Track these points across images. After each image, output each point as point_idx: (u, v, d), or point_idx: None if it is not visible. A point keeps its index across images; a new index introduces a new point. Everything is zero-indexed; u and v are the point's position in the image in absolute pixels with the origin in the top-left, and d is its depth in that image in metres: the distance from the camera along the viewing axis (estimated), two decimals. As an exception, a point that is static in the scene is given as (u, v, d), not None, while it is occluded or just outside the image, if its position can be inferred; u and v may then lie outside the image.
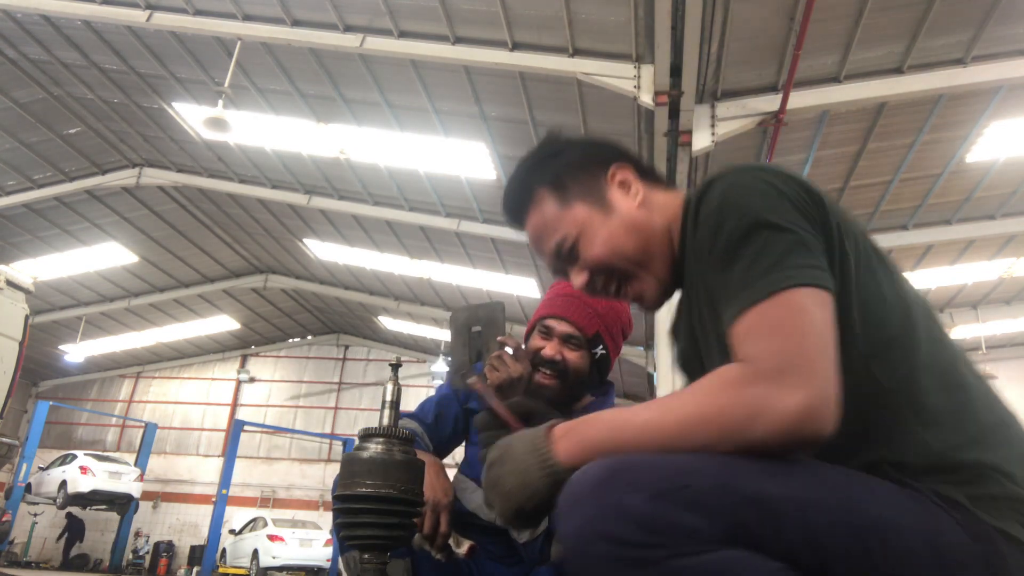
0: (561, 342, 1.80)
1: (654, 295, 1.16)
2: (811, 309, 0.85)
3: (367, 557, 1.23)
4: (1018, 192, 9.03)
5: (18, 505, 14.86)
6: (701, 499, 0.77)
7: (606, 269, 1.14)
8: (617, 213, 1.13)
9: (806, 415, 0.79)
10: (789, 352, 0.82)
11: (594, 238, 1.13)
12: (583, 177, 1.17)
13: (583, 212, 1.14)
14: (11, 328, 8.36)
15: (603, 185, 1.16)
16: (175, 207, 13.71)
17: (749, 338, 0.85)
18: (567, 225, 1.15)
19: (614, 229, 1.12)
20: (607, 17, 6.81)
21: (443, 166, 10.07)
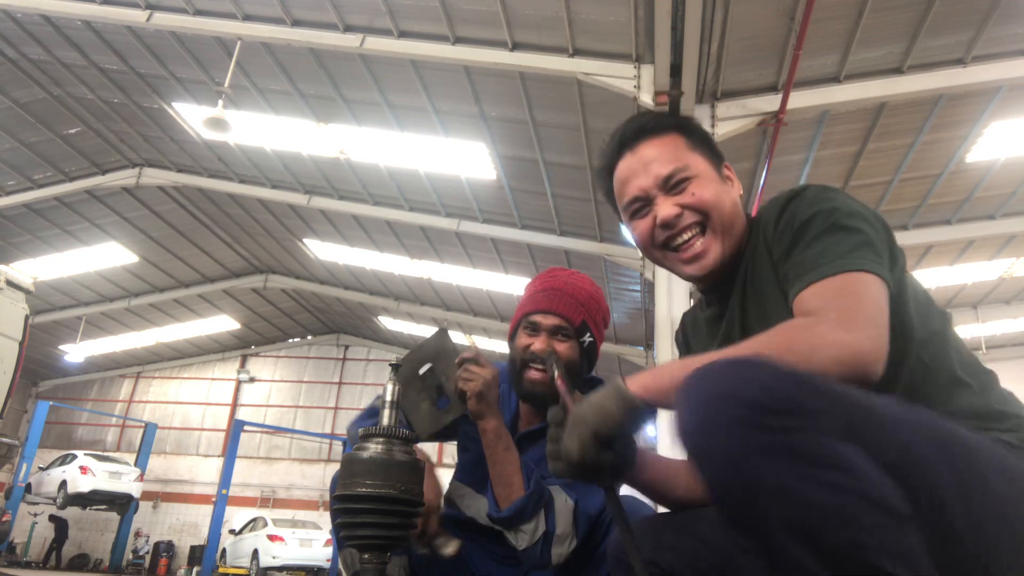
0: (549, 335, 1.81)
1: (715, 257, 1.26)
2: (871, 287, 1.02)
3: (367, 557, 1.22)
4: (1018, 192, 9.03)
5: (18, 505, 14.86)
6: (825, 392, 0.84)
7: (702, 212, 1.25)
8: (730, 186, 1.32)
9: (860, 353, 0.94)
10: (851, 308, 0.99)
11: (710, 185, 1.27)
12: (708, 152, 1.32)
13: (707, 165, 1.29)
14: (11, 328, 8.36)
15: (719, 164, 1.33)
16: (175, 207, 13.71)
17: (814, 299, 1.03)
18: (692, 162, 1.28)
19: (725, 192, 1.28)
20: (607, 17, 6.81)
21: (443, 166, 10.07)
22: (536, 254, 11.89)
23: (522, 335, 1.84)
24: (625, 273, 11.57)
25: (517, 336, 1.86)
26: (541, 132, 8.74)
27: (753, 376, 0.83)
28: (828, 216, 1.10)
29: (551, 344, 1.79)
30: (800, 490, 0.77)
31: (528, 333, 1.83)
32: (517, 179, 9.93)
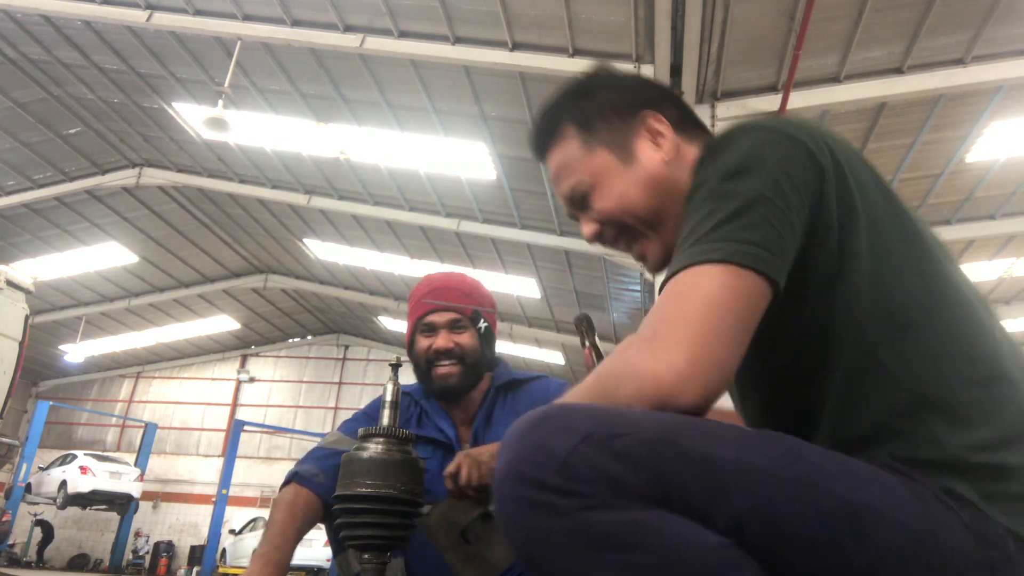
0: (448, 331, 1.87)
1: (657, 259, 1.08)
2: (705, 285, 0.78)
3: (367, 557, 1.23)
4: (1018, 192, 9.02)
5: (18, 505, 14.85)
6: (635, 450, 0.69)
7: (615, 224, 1.07)
8: (638, 166, 1.05)
9: (656, 385, 0.74)
10: (666, 320, 0.78)
11: (608, 190, 1.05)
12: (613, 120, 1.07)
13: (604, 160, 1.06)
14: (11, 328, 8.36)
15: (632, 132, 1.06)
16: (175, 207, 13.71)
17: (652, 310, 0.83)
18: (584, 171, 1.07)
19: (631, 183, 1.04)
20: (607, 17, 6.81)
21: (443, 166, 10.06)
22: (536, 254, 11.89)
23: (420, 339, 1.89)
24: (625, 273, 11.57)
25: (416, 342, 1.91)
26: (541, 132, 8.73)
27: (541, 443, 0.70)
28: (712, 178, 0.86)
29: (451, 339, 1.85)
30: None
31: (426, 335, 1.89)
32: (517, 179, 9.92)
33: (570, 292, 12.92)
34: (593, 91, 1.11)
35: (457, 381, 1.84)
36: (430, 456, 1.85)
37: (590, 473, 0.68)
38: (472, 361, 1.86)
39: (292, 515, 1.64)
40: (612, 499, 0.68)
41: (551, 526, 0.68)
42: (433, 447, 1.85)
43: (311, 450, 1.86)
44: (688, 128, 1.10)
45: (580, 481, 0.68)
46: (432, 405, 1.93)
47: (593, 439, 0.70)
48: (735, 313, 0.77)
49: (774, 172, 0.84)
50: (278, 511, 1.67)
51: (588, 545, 0.68)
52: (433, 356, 1.85)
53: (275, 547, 1.59)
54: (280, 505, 1.68)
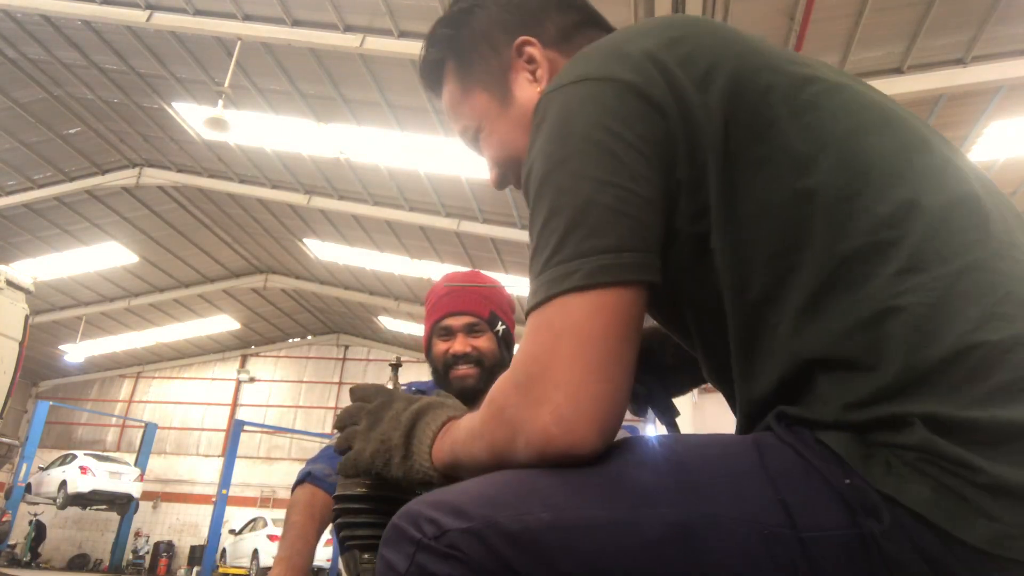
0: (465, 335, 1.85)
1: None
2: (577, 316, 0.66)
3: (367, 557, 1.23)
4: (1018, 192, 9.03)
5: (18, 505, 14.85)
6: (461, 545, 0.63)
7: (510, 170, 0.97)
8: (516, 106, 0.92)
9: (550, 433, 0.65)
10: (538, 363, 0.67)
11: (492, 135, 0.95)
12: (486, 52, 0.94)
13: (482, 102, 0.94)
14: (11, 328, 8.36)
15: (507, 65, 0.93)
16: (175, 207, 13.71)
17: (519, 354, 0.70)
18: (467, 114, 0.97)
19: (512, 126, 0.93)
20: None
21: (443, 166, 10.07)
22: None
23: (438, 343, 1.88)
24: (625, 273, 11.58)
25: (433, 345, 1.89)
26: (541, 132, 8.74)
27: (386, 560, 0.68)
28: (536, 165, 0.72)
29: (468, 343, 1.84)
30: None
31: (443, 339, 1.87)
32: (517, 179, 9.93)
33: (570, 292, 12.93)
34: (471, 12, 0.96)
35: (475, 383, 1.82)
36: None
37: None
38: (491, 364, 1.85)
39: (310, 516, 1.63)
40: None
41: None
42: None
43: (322, 449, 1.86)
44: (581, 38, 0.93)
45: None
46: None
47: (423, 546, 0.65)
48: (614, 338, 0.66)
49: (601, 142, 0.68)
50: (296, 512, 1.66)
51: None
52: (451, 360, 1.84)
53: (296, 551, 1.59)
54: (297, 506, 1.67)
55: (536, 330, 0.68)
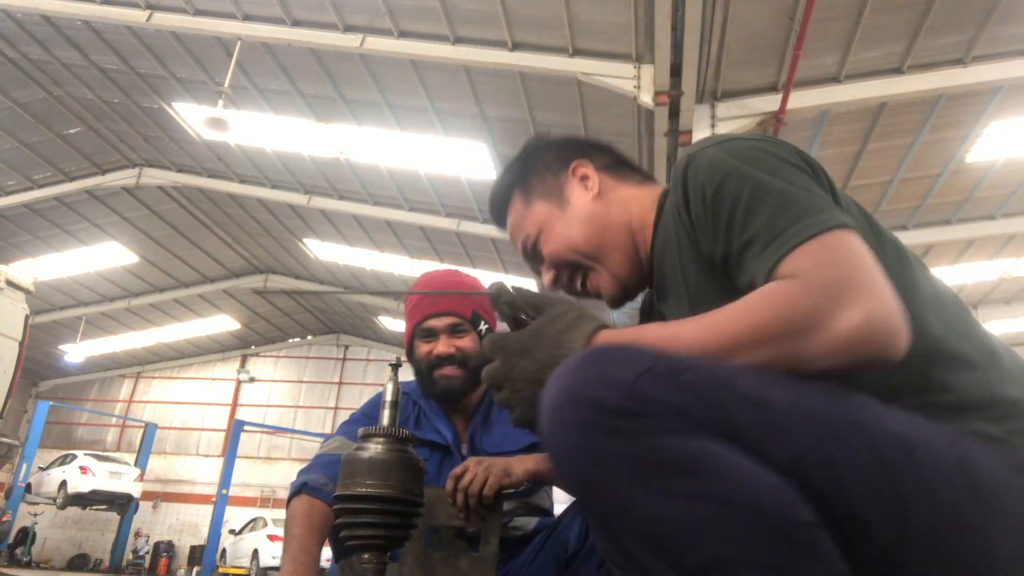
0: (448, 335, 1.84)
1: (610, 290, 1.14)
2: (857, 243, 0.79)
3: (367, 557, 1.23)
4: (1018, 192, 9.03)
5: (18, 505, 14.86)
6: (697, 387, 0.71)
7: (564, 264, 1.16)
8: (572, 208, 1.15)
9: (869, 328, 0.72)
10: (846, 267, 0.76)
11: (551, 234, 1.15)
12: (547, 176, 1.20)
13: (543, 210, 1.17)
14: (11, 328, 8.36)
15: (564, 182, 1.18)
16: (175, 207, 13.71)
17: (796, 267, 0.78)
18: (529, 224, 1.19)
19: (568, 224, 1.14)
20: (607, 17, 6.80)
21: (443, 166, 10.07)
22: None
23: (420, 345, 1.86)
24: (625, 273, 11.58)
25: (416, 347, 1.88)
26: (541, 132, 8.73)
27: (604, 373, 0.70)
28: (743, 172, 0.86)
29: (452, 343, 1.82)
30: (647, 504, 0.67)
31: (426, 340, 1.86)
32: (517, 179, 9.92)
33: (570, 292, 12.93)
34: (531, 156, 1.24)
35: (460, 384, 1.82)
36: (428, 458, 1.84)
37: (656, 400, 0.68)
38: (474, 364, 1.83)
39: (310, 528, 1.60)
40: (679, 426, 0.68)
41: (614, 450, 0.67)
42: (430, 449, 1.84)
43: (315, 457, 1.82)
44: (619, 169, 1.21)
45: (647, 405, 0.68)
46: (430, 406, 1.91)
47: (655, 371, 0.70)
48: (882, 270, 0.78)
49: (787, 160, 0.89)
50: (296, 525, 1.63)
51: (653, 471, 0.67)
52: (435, 361, 1.82)
53: (301, 564, 1.56)
54: (297, 519, 1.64)
55: (823, 249, 0.78)
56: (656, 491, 0.67)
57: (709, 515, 0.65)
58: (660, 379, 0.70)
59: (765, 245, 0.81)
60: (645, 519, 0.67)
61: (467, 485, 1.51)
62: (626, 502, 0.68)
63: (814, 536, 0.67)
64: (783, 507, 0.66)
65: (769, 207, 0.82)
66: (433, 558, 1.53)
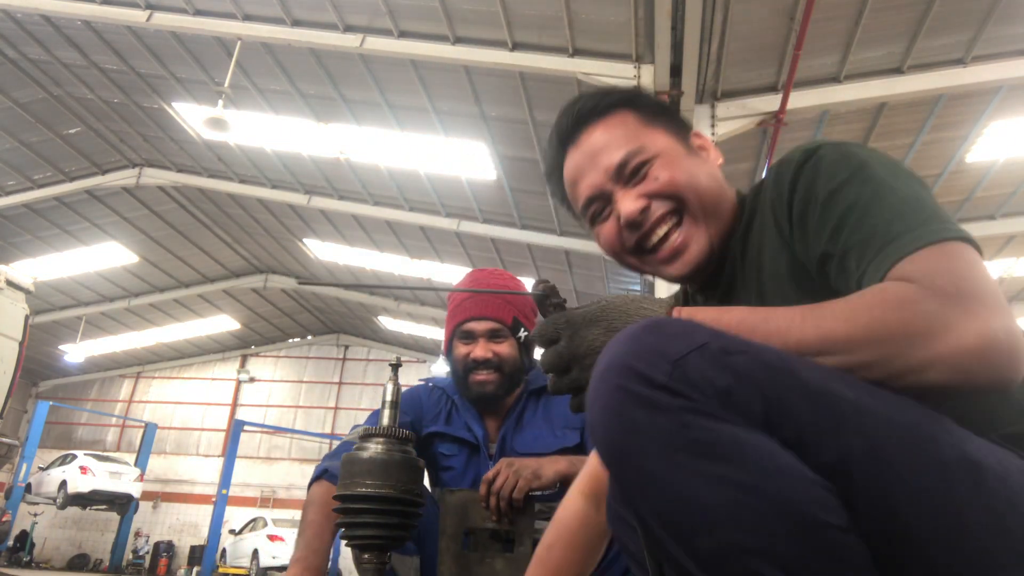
0: (487, 340, 1.84)
1: (700, 248, 1.02)
2: (980, 259, 0.75)
3: (367, 557, 1.23)
4: (1018, 192, 9.02)
5: (18, 505, 14.85)
6: (751, 369, 0.68)
7: (674, 196, 1.01)
8: (704, 160, 1.07)
9: (990, 343, 0.66)
10: (970, 278, 0.71)
11: (675, 163, 1.02)
12: (670, 118, 1.09)
13: (668, 141, 1.05)
14: (11, 328, 8.36)
15: (686, 136, 1.09)
16: (175, 207, 13.71)
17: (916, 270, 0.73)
18: (647, 142, 1.04)
19: (697, 166, 1.04)
20: (607, 17, 6.80)
21: (443, 166, 10.07)
22: (536, 254, 11.89)
23: (459, 345, 1.87)
24: (625, 273, 11.57)
25: (454, 347, 1.88)
26: (541, 132, 8.73)
27: (655, 345, 0.69)
28: (867, 174, 0.83)
29: (490, 348, 1.82)
30: (671, 480, 0.66)
31: (464, 342, 1.86)
32: (517, 179, 9.92)
33: (570, 292, 12.92)
34: (641, 98, 1.11)
35: (494, 389, 1.82)
36: (456, 454, 1.85)
37: (700, 379, 0.67)
38: (510, 370, 1.84)
39: (326, 516, 1.59)
40: (718, 409, 0.66)
41: (651, 421, 0.66)
42: (459, 445, 1.85)
43: (340, 444, 1.83)
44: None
45: (689, 383, 0.67)
46: (463, 403, 1.92)
47: (709, 350, 0.68)
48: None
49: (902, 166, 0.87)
50: (312, 511, 1.63)
51: (685, 448, 0.65)
52: (472, 365, 1.83)
53: (313, 551, 1.56)
54: (314, 505, 1.64)
55: (947, 256, 0.73)
56: (682, 468, 0.65)
57: (730, 500, 0.64)
58: (711, 358, 0.68)
59: (882, 246, 0.77)
60: (666, 494, 0.66)
61: (499, 489, 1.52)
62: (650, 475, 0.67)
63: (841, 540, 0.64)
64: (811, 505, 0.64)
65: (891, 209, 0.79)
66: (469, 558, 1.56)
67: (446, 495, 1.62)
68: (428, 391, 1.99)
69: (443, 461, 1.91)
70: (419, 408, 1.94)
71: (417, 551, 1.68)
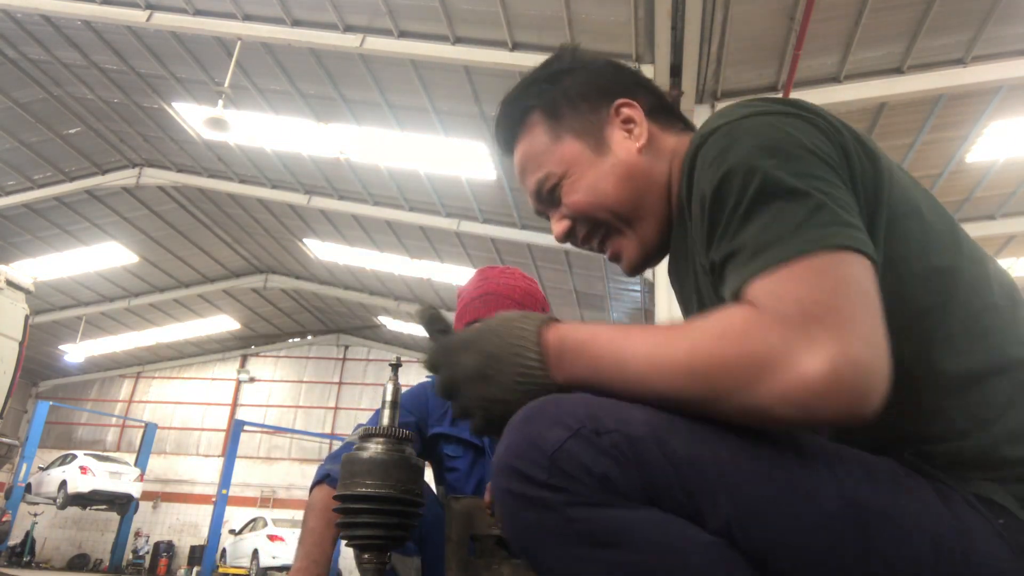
0: None
1: (633, 257, 1.00)
2: (853, 268, 0.66)
3: (367, 557, 1.23)
4: (1018, 192, 9.02)
5: (18, 505, 14.85)
6: (623, 447, 0.67)
7: (587, 219, 0.99)
8: (612, 156, 0.96)
9: (835, 376, 0.60)
10: (821, 300, 0.63)
11: (578, 182, 0.97)
12: (583, 107, 0.99)
13: (573, 149, 0.98)
14: (11, 328, 8.35)
15: (604, 120, 0.98)
16: (175, 207, 13.71)
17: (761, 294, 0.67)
18: (553, 162, 0.99)
19: (603, 174, 0.96)
20: (607, 17, 6.80)
21: (443, 166, 10.06)
22: (536, 254, 11.89)
23: None
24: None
25: None
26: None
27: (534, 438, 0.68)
28: (747, 175, 0.72)
29: None
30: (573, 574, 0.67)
31: None
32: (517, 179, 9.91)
33: (570, 292, 12.93)
34: (560, 76, 1.02)
35: None
36: (461, 456, 1.84)
37: (577, 469, 0.66)
38: None
39: (327, 522, 1.58)
40: (599, 496, 0.66)
41: (539, 520, 0.67)
42: (464, 447, 1.84)
43: (342, 446, 1.81)
44: (662, 116, 1.02)
45: (567, 477, 0.66)
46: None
47: (582, 435, 0.67)
48: (879, 298, 0.67)
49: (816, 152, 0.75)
50: (313, 517, 1.61)
51: (575, 541, 0.66)
52: None
53: (313, 560, 1.54)
54: (314, 511, 1.62)
55: (808, 273, 0.66)
56: (578, 560, 0.66)
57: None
58: (585, 443, 0.67)
59: (748, 258, 0.70)
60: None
61: None
62: (552, 570, 0.68)
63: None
64: (712, 570, 0.64)
65: (769, 212, 0.70)
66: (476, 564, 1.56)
67: (451, 502, 1.62)
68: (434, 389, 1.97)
69: (448, 462, 1.90)
70: (424, 407, 1.93)
71: (418, 551, 1.68)
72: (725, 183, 0.74)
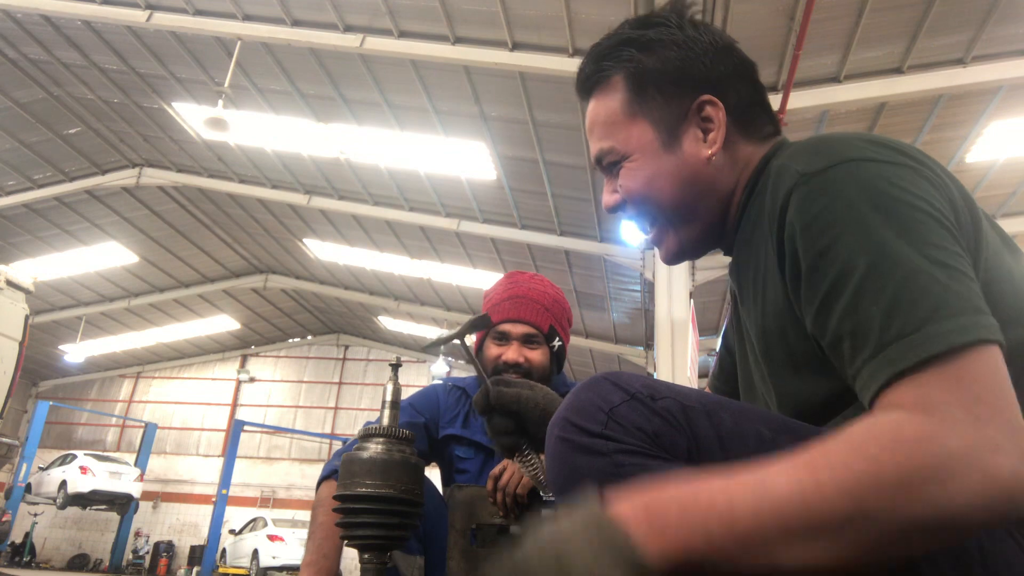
0: (521, 344, 1.83)
1: (672, 250, 1.00)
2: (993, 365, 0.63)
3: (367, 557, 1.23)
4: (1018, 192, 9.02)
5: (18, 505, 14.86)
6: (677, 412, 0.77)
7: (637, 206, 0.98)
8: (679, 156, 0.93)
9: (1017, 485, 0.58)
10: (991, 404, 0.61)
11: (639, 170, 0.95)
12: (668, 91, 0.94)
13: (644, 135, 0.94)
14: (11, 328, 8.35)
15: (683, 113, 0.94)
16: (175, 207, 13.71)
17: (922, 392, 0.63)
18: (620, 139, 0.96)
19: (664, 172, 0.93)
20: (607, 17, 6.81)
21: (443, 166, 10.06)
22: (536, 254, 11.89)
23: (491, 345, 1.85)
24: (625, 273, 11.57)
25: (486, 346, 1.86)
26: (541, 132, 8.73)
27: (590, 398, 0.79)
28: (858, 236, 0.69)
29: (522, 352, 1.81)
30: None
31: (498, 343, 1.84)
32: (517, 179, 9.92)
33: (570, 292, 12.93)
34: (655, 46, 0.95)
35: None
36: (471, 458, 1.84)
37: (631, 425, 0.75)
38: (539, 377, 1.82)
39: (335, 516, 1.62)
40: (647, 448, 0.75)
41: (589, 464, 0.75)
42: (475, 449, 1.84)
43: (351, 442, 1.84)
44: (748, 115, 0.96)
45: (621, 429, 0.75)
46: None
47: (638, 398, 0.77)
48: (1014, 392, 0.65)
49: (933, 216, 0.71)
50: (322, 512, 1.62)
51: (619, 484, 0.70)
52: (501, 367, 1.81)
53: (324, 554, 1.55)
54: (323, 506, 1.62)
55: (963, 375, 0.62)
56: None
57: None
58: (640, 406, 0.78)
59: (878, 347, 0.65)
60: None
61: (504, 484, 1.52)
62: None
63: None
64: None
65: (889, 292, 0.66)
66: (478, 554, 1.56)
67: (455, 491, 1.63)
68: (447, 391, 1.97)
69: (458, 463, 1.90)
70: (436, 409, 1.93)
71: (421, 550, 1.68)
72: (835, 244, 0.70)
